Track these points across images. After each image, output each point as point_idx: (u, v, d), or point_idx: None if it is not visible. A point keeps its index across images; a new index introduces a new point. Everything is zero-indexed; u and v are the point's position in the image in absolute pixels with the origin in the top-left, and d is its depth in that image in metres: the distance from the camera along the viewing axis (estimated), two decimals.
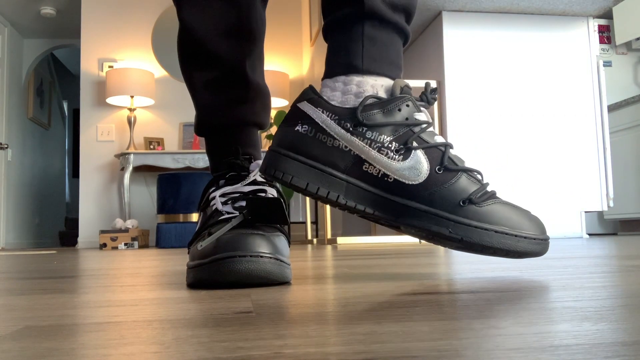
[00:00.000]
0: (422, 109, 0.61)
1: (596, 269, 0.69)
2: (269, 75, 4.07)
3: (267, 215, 0.59)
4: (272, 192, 0.67)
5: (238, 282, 0.54)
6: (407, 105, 0.60)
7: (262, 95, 0.76)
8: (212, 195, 0.67)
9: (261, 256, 0.54)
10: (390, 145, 0.58)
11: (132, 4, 4.35)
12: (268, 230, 0.60)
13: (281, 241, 0.59)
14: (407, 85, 0.61)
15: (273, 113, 4.25)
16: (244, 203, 0.64)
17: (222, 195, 0.65)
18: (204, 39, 0.72)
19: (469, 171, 0.59)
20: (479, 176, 0.61)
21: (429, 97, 0.62)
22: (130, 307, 0.44)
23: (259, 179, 0.68)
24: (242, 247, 0.54)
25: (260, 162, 0.69)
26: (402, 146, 0.58)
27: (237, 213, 0.62)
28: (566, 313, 0.35)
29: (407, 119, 0.59)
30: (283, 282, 0.57)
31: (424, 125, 0.60)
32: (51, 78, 6.24)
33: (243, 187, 0.66)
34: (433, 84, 2.76)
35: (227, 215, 0.62)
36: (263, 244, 0.55)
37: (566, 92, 2.73)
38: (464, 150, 2.61)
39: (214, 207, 0.65)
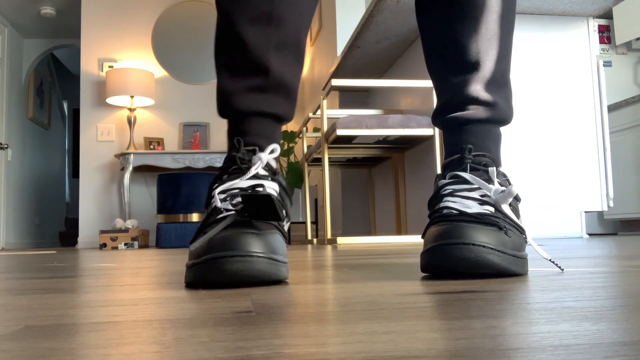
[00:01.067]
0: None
1: (596, 269, 0.69)
2: None
3: (259, 213, 0.59)
4: (272, 187, 0.67)
5: (231, 282, 0.54)
6: None
7: (285, 88, 0.74)
8: (213, 192, 0.67)
9: (252, 255, 0.54)
10: None
11: (132, 4, 4.35)
12: (263, 228, 0.60)
13: (276, 239, 0.59)
14: None
15: None
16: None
17: (222, 192, 0.65)
18: (232, 22, 0.72)
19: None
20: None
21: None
22: (130, 307, 0.44)
23: (261, 172, 0.67)
24: (233, 247, 0.54)
25: (262, 155, 0.68)
26: None
27: (234, 210, 0.62)
28: (566, 313, 0.35)
29: None
30: (278, 280, 0.57)
31: None
32: (51, 78, 6.24)
33: (242, 183, 0.65)
34: None
35: (224, 214, 0.62)
36: (255, 242, 0.55)
37: (566, 92, 2.73)
38: None
39: (213, 205, 0.65)
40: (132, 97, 4.05)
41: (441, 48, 0.77)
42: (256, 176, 0.66)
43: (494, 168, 0.69)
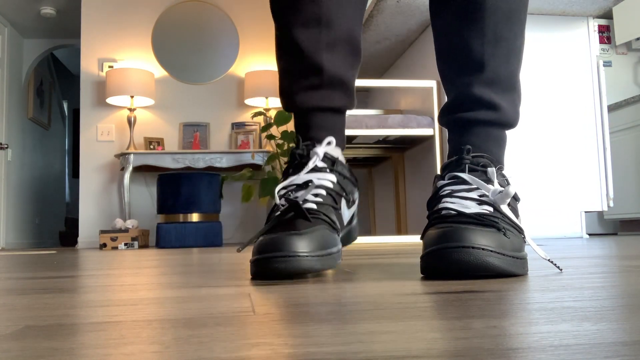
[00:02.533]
0: None
1: (596, 269, 0.69)
2: (267, 76, 4.07)
3: (296, 214, 0.66)
4: (328, 178, 0.73)
5: (279, 277, 0.64)
6: None
7: (340, 82, 0.80)
8: (277, 187, 0.74)
9: (295, 256, 0.61)
10: None
11: (132, 4, 4.35)
12: (307, 226, 0.66)
13: (318, 235, 0.65)
14: None
15: (273, 113, 4.25)
16: (298, 194, 0.71)
17: (283, 188, 0.72)
18: (286, 28, 0.79)
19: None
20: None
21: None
22: (130, 307, 0.44)
23: (320, 164, 0.74)
24: (278, 248, 0.61)
25: (318, 149, 0.74)
26: None
27: (282, 210, 0.69)
28: (566, 313, 0.35)
29: None
30: (327, 269, 0.67)
31: None
32: (51, 78, 6.24)
33: (299, 178, 0.72)
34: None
35: (276, 213, 0.69)
36: (298, 242, 0.62)
37: (566, 92, 2.72)
38: None
39: (274, 201, 0.72)
40: (132, 97, 4.05)
41: (449, 49, 0.78)
42: (314, 169, 0.73)
43: (493, 168, 0.69)
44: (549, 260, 0.66)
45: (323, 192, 0.72)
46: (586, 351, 0.24)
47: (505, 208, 0.65)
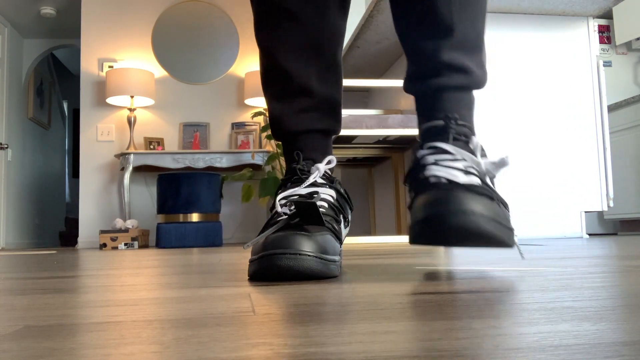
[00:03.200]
0: None
1: (596, 269, 0.69)
2: None
3: (307, 218, 0.64)
4: (329, 193, 0.73)
5: (283, 276, 0.60)
6: None
7: (329, 104, 0.80)
8: (276, 198, 0.74)
9: (301, 254, 0.59)
10: None
11: (132, 4, 4.35)
12: (314, 230, 0.64)
13: (326, 239, 0.64)
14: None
15: None
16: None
17: (283, 198, 0.72)
18: (274, 57, 0.79)
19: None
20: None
21: None
22: (130, 307, 0.43)
23: (319, 180, 0.74)
24: (285, 245, 0.59)
25: (320, 165, 0.74)
26: None
27: (288, 214, 0.68)
28: (566, 313, 0.35)
29: None
30: (328, 277, 0.63)
31: None
32: (51, 78, 6.24)
33: (301, 190, 0.72)
34: None
35: (282, 217, 0.68)
36: (305, 242, 0.60)
37: (566, 92, 2.72)
38: None
39: (275, 210, 0.71)
40: (132, 97, 4.05)
41: (413, 14, 0.74)
42: (314, 184, 0.73)
43: (477, 140, 0.67)
44: (516, 245, 0.62)
45: (326, 204, 0.72)
46: (586, 351, 0.24)
47: (489, 181, 0.64)
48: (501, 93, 2.68)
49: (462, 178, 0.61)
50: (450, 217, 0.55)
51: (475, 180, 0.62)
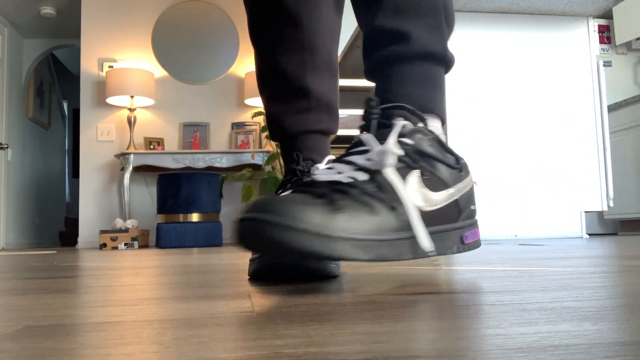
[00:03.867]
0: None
1: (596, 269, 0.69)
2: None
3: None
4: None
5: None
6: None
7: (327, 104, 0.79)
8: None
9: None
10: None
11: (132, 4, 4.35)
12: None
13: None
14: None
15: None
16: None
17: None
18: (268, 57, 0.78)
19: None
20: None
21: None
22: (130, 307, 0.43)
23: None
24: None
25: (320, 166, 0.64)
26: None
27: None
28: (566, 313, 0.35)
29: None
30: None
31: None
32: (51, 78, 6.24)
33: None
34: None
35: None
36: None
37: (566, 92, 2.72)
38: (464, 150, 2.61)
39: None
40: (132, 97, 4.05)
41: None
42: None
43: (406, 122, 0.57)
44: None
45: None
46: (586, 351, 0.24)
47: (391, 173, 0.52)
48: (501, 93, 2.68)
49: (345, 174, 0.53)
50: (247, 224, 0.47)
51: (353, 176, 0.52)
